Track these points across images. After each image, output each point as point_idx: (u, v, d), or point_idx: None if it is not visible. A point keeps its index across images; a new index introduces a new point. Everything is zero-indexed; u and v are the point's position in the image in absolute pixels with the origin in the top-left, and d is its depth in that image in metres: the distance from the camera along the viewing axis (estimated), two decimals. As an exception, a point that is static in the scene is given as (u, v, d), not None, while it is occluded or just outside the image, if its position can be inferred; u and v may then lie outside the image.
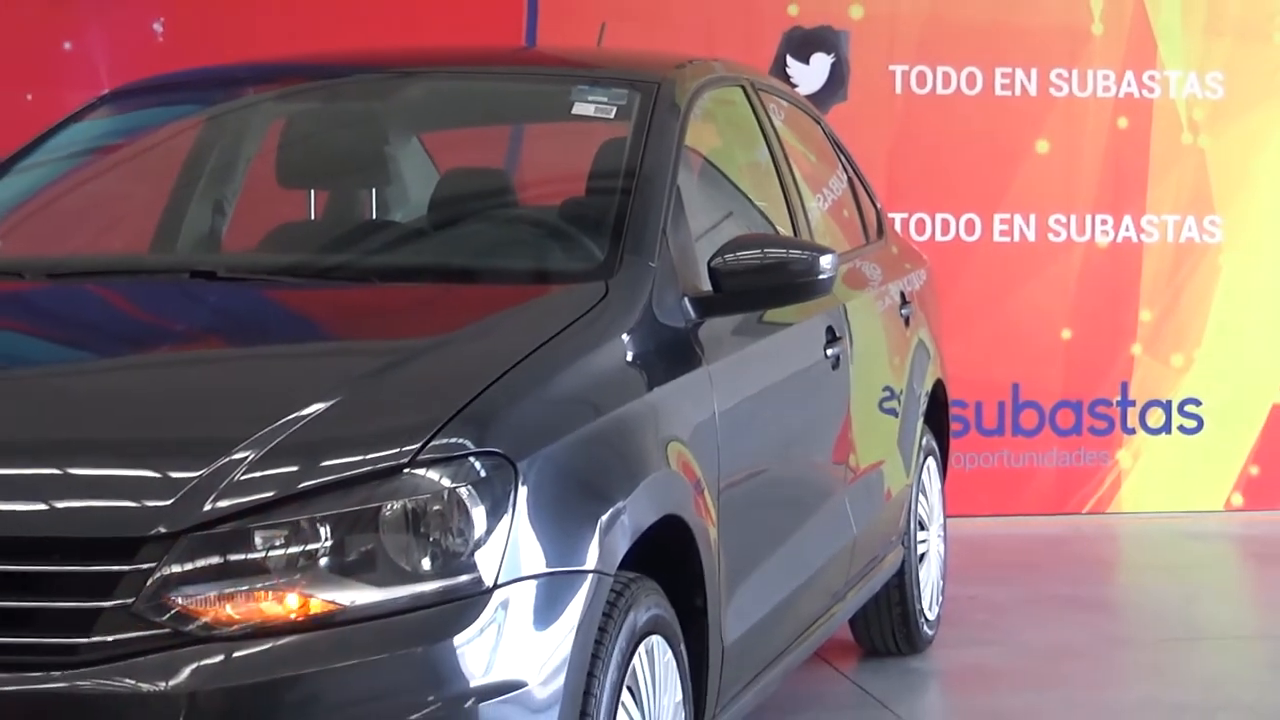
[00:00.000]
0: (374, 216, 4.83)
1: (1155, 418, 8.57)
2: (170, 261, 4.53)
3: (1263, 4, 8.58)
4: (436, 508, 2.98)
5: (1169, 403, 8.57)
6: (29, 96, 7.68)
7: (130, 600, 2.85)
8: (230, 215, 4.78)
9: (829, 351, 4.75)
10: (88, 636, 2.83)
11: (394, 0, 7.87)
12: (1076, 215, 8.49)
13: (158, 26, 7.86)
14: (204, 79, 5.17)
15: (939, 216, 8.39)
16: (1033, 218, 8.46)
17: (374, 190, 4.87)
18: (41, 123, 4.91)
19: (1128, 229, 8.51)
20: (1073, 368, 8.54)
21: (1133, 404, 8.55)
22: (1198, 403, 8.58)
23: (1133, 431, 8.56)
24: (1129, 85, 8.47)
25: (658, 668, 3.43)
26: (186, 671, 2.81)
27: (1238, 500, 8.61)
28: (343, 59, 5.26)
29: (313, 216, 4.92)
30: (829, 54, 8.27)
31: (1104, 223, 8.50)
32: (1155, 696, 5.52)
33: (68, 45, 7.83)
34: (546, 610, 3.06)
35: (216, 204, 4.77)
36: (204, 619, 2.85)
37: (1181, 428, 8.58)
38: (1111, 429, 8.55)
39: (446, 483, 3.00)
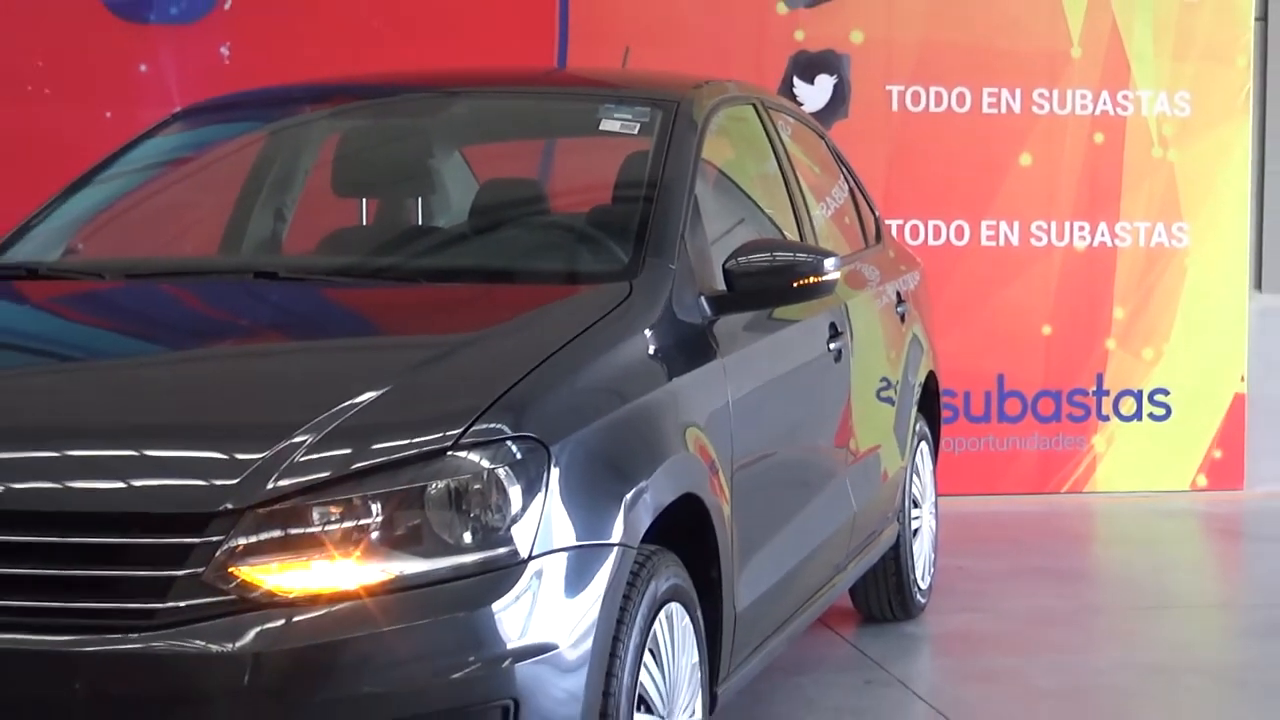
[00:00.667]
0: (420, 223, 4.84)
1: (1127, 406, 8.55)
2: (236, 263, 4.54)
3: (1226, 30, 8.55)
4: (477, 486, 2.98)
5: (1140, 392, 8.55)
6: (108, 114, 7.68)
7: (200, 570, 2.85)
8: (290, 221, 4.79)
9: (831, 346, 4.74)
10: (162, 602, 2.84)
11: (436, 26, 7.87)
12: (1056, 222, 8.47)
13: (224, 50, 7.87)
14: (266, 98, 5.18)
15: (931, 223, 8.38)
16: (1016, 224, 8.45)
17: (420, 199, 4.88)
18: (119, 138, 4.91)
19: (1103, 234, 8.50)
20: (1052, 360, 8.52)
21: (1107, 393, 8.53)
22: (1166, 392, 8.56)
23: (1107, 418, 8.54)
24: (1104, 104, 8.46)
25: (676, 632, 3.43)
26: (251, 635, 2.81)
27: (1202, 481, 8.59)
28: (391, 79, 5.26)
29: (365, 223, 4.92)
30: (832, 75, 8.26)
31: (1081, 229, 8.48)
32: (1128, 659, 5.50)
33: (143, 68, 7.84)
34: (576, 579, 3.06)
35: (277, 211, 4.78)
36: (267, 587, 2.85)
37: (1151, 415, 8.56)
38: (1087, 416, 8.53)
39: (486, 464, 2.99)
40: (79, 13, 7.78)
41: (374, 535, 2.91)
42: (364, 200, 4.96)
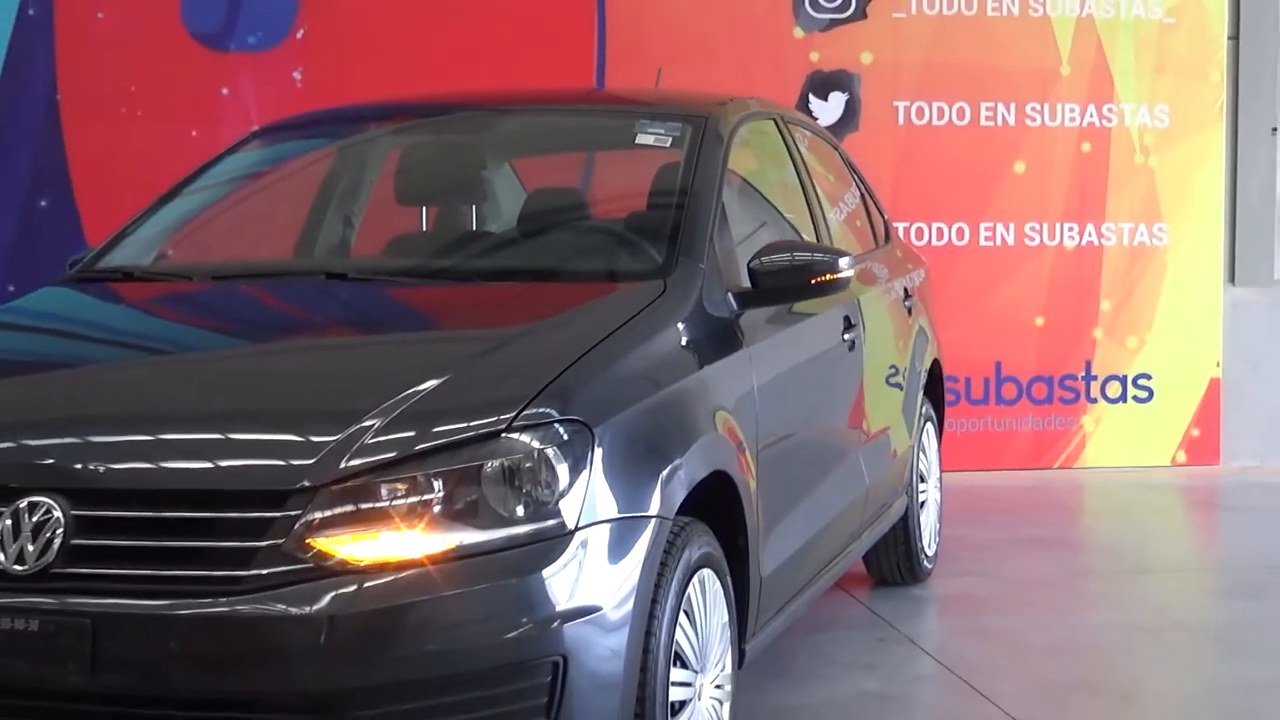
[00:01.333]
0: (474, 228, 4.84)
1: (1113, 389, 8.51)
2: (309, 265, 4.54)
3: (1201, 48, 8.49)
4: (528, 465, 2.98)
5: (1125, 377, 8.51)
6: (194, 133, 7.69)
7: (281, 541, 2.87)
8: (357, 228, 4.78)
9: (846, 336, 4.74)
10: (246, 570, 2.86)
11: (486, 50, 7.87)
12: (1048, 223, 8.43)
13: (297, 75, 7.88)
14: (335, 117, 5.19)
15: (934, 225, 8.35)
16: (1011, 226, 8.41)
17: (474, 206, 4.87)
18: (203, 154, 4.93)
19: (1090, 234, 8.45)
20: (1045, 348, 8.48)
21: (1095, 378, 8.50)
22: (1148, 377, 8.51)
23: (1095, 401, 8.50)
24: (1091, 116, 8.41)
25: (708, 595, 3.43)
26: (326, 599, 2.83)
27: (1182, 457, 8.54)
28: (447, 99, 5.24)
29: (424, 228, 4.92)
30: (844, 92, 8.24)
31: (1070, 229, 8.44)
32: (1114, 619, 5.49)
33: (224, 91, 7.86)
34: (618, 548, 3.06)
35: (346, 219, 4.77)
36: (340, 556, 2.87)
37: (1135, 397, 8.52)
38: (1077, 399, 8.49)
39: (536, 444, 3.00)
40: (167, 42, 7.82)
41: (436, 509, 2.92)
42: (424, 208, 4.95)
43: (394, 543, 2.89)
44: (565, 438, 3.03)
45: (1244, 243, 8.68)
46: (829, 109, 8.22)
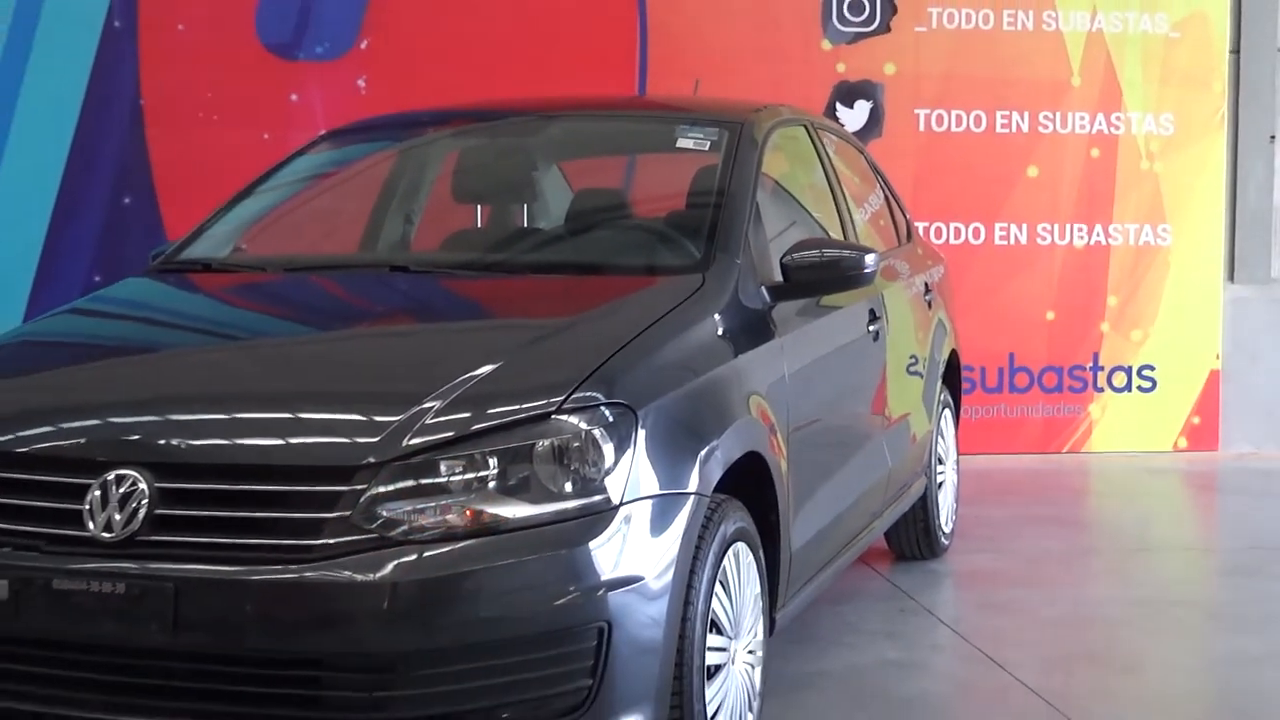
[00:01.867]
0: (525, 225, 4.84)
1: (1119, 379, 8.47)
2: (373, 259, 4.55)
3: (1204, 61, 8.43)
4: (576, 444, 2.98)
5: (1129, 368, 8.46)
6: (265, 136, 7.72)
7: (348, 513, 2.88)
8: (417, 224, 4.78)
9: (870, 328, 4.71)
10: (316, 540, 2.87)
11: (537, 59, 7.88)
12: (1058, 224, 8.39)
13: (361, 82, 7.90)
14: (396, 122, 5.19)
15: (952, 225, 8.32)
16: (1024, 226, 8.37)
17: (525, 205, 4.87)
18: (274, 156, 4.94)
19: (1098, 235, 8.41)
20: (1055, 341, 8.44)
21: (1101, 369, 8.45)
22: (1152, 368, 8.47)
23: (1101, 390, 8.46)
24: (1100, 124, 8.36)
25: (742, 567, 3.42)
26: (390, 567, 2.83)
27: (1183, 443, 8.50)
28: (501, 105, 5.25)
29: (479, 225, 4.92)
30: (868, 101, 8.22)
31: (1080, 230, 8.39)
32: (1118, 593, 5.47)
33: (294, 97, 7.88)
34: (659, 522, 3.06)
35: (407, 216, 4.77)
36: (402, 527, 2.87)
37: (1139, 387, 8.47)
38: (1085, 388, 8.45)
39: (584, 425, 3.00)
40: (241, 52, 7.85)
41: (490, 484, 2.92)
42: (479, 206, 4.95)
43: (452, 515, 2.90)
44: (611, 419, 3.03)
45: (1243, 243, 8.62)
46: (855, 116, 8.20)
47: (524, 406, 3.01)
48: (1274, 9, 8.57)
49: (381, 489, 2.89)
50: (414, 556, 2.85)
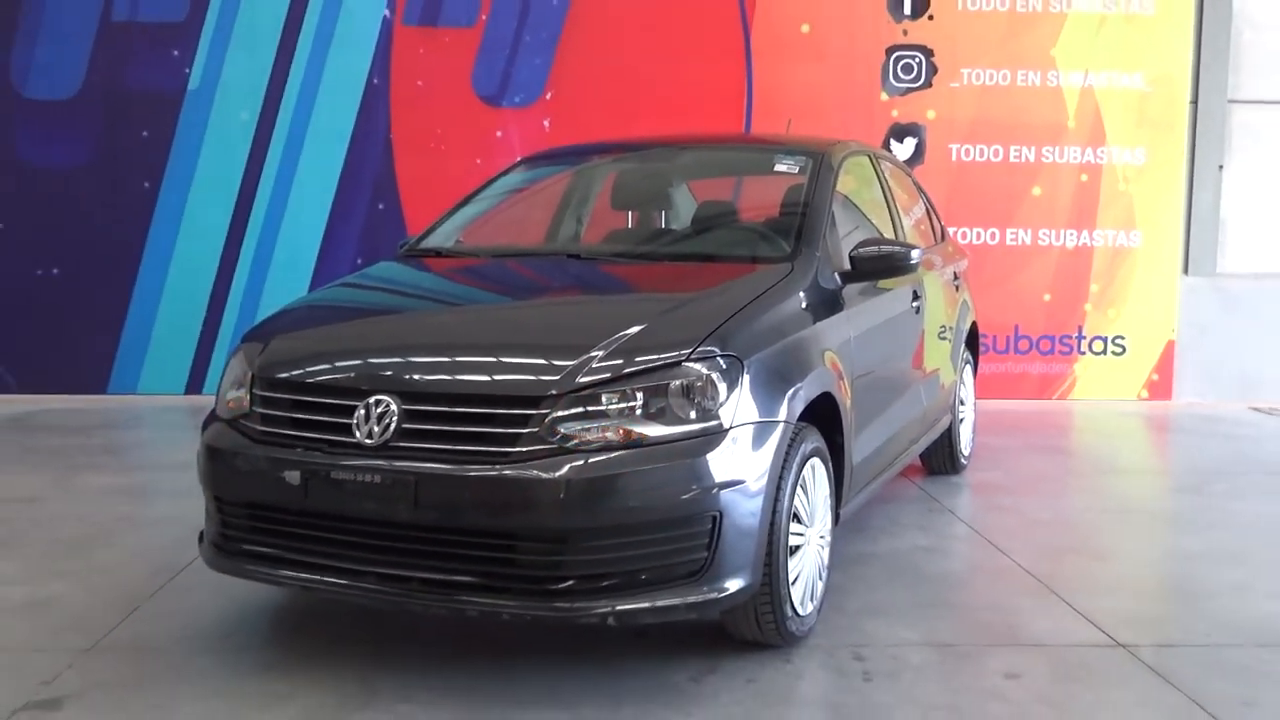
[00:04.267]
0: (663, 226, 4.83)
1: (1098, 346, 8.23)
2: (554, 248, 4.54)
3: (1169, 109, 8.10)
4: (699, 384, 2.99)
5: (1106, 337, 8.22)
6: (478, 161, 7.78)
7: (537, 429, 2.91)
8: (586, 224, 4.80)
9: (913, 304, 4.66)
10: (513, 448, 2.90)
11: (672, 106, 7.85)
12: (1055, 230, 8.15)
13: (546, 123, 7.93)
14: (571, 151, 5.20)
15: (975, 230, 8.13)
16: (1029, 231, 8.15)
17: (663, 212, 4.85)
18: (484, 175, 5.00)
19: (1085, 238, 8.16)
20: (1050, 316, 8.22)
21: (1084, 338, 8.22)
22: (1123, 338, 8.22)
23: (1084, 354, 8.23)
24: (1089, 156, 8.11)
25: (817, 475, 3.42)
26: (565, 468, 2.86)
27: (1145, 394, 8.24)
28: (645, 140, 5.23)
29: (630, 226, 4.94)
30: (915, 137, 8.06)
31: (1071, 234, 8.15)
32: (1094, 503, 5.33)
33: (499, 134, 7.93)
34: (758, 441, 3.06)
35: (578, 218, 4.80)
36: (575, 441, 2.90)
37: (1113, 352, 8.23)
38: (1071, 352, 8.23)
39: (705, 370, 3.00)
40: (461, 100, 7.91)
41: (637, 412, 2.94)
42: (630, 212, 4.97)
43: (610, 433, 2.92)
44: (724, 366, 3.04)
45: (1195, 245, 8.33)
46: (904, 149, 8.05)
47: (662, 356, 3.01)
48: (1224, 70, 8.26)
49: (560, 413, 2.92)
50: (582, 461, 2.87)
